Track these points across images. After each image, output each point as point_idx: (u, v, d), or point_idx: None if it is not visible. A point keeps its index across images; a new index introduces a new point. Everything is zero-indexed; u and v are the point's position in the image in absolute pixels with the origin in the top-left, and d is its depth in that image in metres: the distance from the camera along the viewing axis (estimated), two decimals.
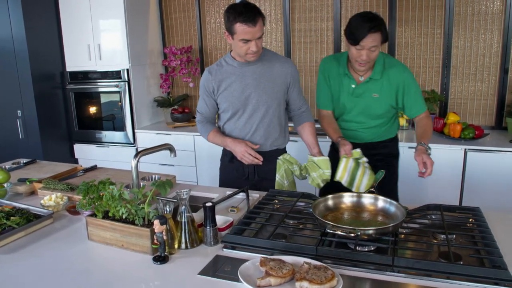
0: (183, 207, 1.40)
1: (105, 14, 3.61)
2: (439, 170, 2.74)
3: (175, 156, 1.64)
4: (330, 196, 1.50)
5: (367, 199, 1.49)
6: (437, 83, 3.29)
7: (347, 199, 1.50)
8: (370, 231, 1.25)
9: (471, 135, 2.84)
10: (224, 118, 2.06)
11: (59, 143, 3.97)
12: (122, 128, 3.81)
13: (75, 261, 1.35)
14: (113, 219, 1.43)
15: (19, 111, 3.73)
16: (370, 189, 1.59)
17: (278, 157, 1.98)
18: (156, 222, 1.29)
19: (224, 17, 1.83)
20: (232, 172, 2.11)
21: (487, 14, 3.04)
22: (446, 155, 2.82)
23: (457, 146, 2.81)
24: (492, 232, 1.36)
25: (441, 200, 2.82)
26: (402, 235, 1.38)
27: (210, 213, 1.38)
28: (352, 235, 1.24)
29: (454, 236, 1.35)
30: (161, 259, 1.31)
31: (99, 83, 3.80)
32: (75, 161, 4.08)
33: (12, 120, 3.75)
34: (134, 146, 3.82)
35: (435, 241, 1.33)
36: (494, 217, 1.52)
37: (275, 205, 1.68)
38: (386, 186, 1.94)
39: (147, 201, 1.39)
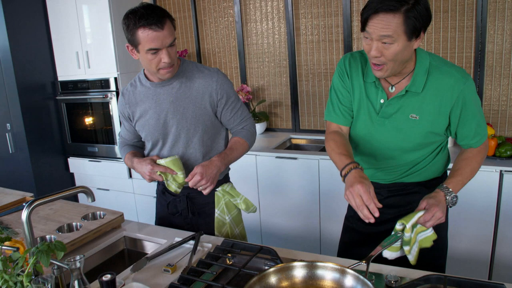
0: (76, 281, 1.02)
1: (91, 18, 3.32)
2: (467, 196, 2.21)
3: (93, 200, 1.27)
4: (272, 269, 1.04)
5: (329, 273, 1.02)
6: None
7: (299, 272, 1.05)
8: None
9: (508, 152, 2.28)
10: (146, 147, 1.69)
11: (53, 157, 3.75)
12: (113, 141, 3.51)
13: None
14: None
15: (8, 124, 3.53)
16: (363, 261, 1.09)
17: (216, 189, 1.62)
18: None
19: (123, 27, 1.44)
20: (165, 206, 1.73)
21: None
22: (476, 177, 2.26)
23: (490, 167, 2.26)
24: None
25: (468, 235, 2.32)
26: None
27: None
28: None
29: None
30: None
31: (88, 93, 3.52)
32: (71, 175, 3.85)
33: (1, 134, 3.56)
34: None
35: None
36: None
37: (220, 268, 1.26)
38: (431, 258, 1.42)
39: (26, 272, 1.03)
